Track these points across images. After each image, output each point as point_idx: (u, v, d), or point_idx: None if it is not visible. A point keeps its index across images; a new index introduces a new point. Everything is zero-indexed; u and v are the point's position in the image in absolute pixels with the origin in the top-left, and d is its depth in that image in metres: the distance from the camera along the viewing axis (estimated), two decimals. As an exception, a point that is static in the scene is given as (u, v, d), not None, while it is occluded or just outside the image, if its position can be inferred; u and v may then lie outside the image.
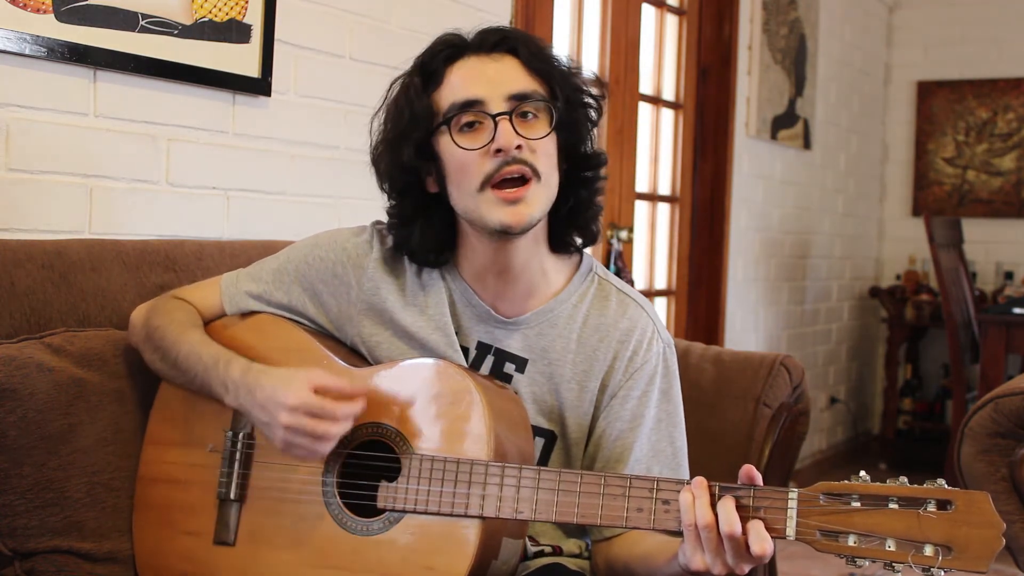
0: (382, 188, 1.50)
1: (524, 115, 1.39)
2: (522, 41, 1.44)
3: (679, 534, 1.24)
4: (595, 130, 1.49)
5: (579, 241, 1.52)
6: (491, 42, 1.43)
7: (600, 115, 1.49)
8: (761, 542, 1.16)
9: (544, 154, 1.40)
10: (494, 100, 1.38)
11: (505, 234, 1.39)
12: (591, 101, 1.48)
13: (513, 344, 1.48)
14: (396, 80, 1.48)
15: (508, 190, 1.38)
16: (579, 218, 1.49)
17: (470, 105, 1.39)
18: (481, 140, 1.38)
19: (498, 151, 1.37)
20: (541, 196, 1.40)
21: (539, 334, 1.48)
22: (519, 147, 1.37)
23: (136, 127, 1.94)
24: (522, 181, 1.38)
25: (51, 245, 1.65)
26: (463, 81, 1.41)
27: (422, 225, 1.47)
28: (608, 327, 1.49)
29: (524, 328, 1.48)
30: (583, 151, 1.47)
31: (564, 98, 1.43)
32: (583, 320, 1.49)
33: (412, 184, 1.46)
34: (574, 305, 1.50)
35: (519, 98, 1.39)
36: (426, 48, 1.46)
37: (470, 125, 1.39)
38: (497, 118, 1.37)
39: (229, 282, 1.59)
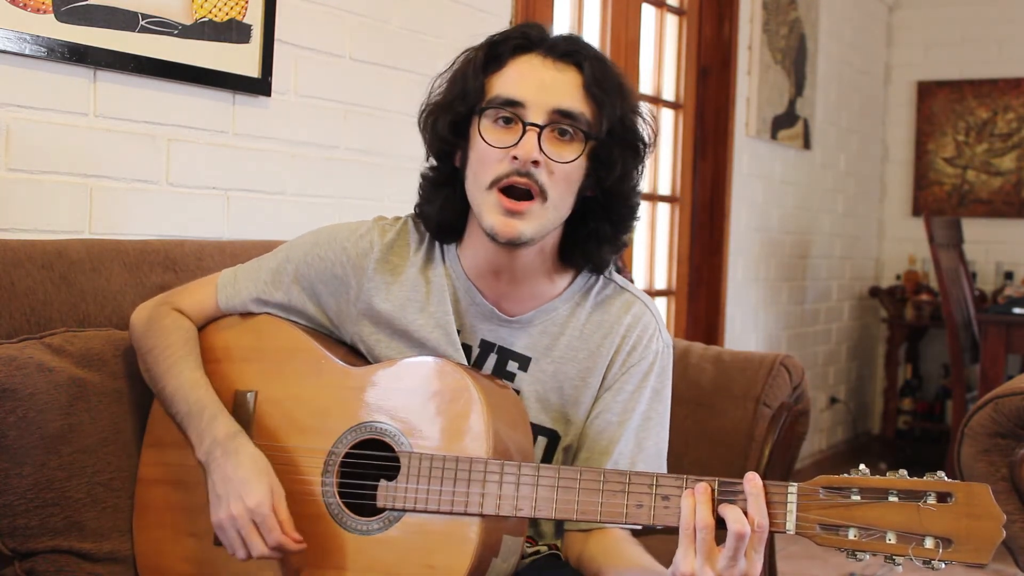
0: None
1: (562, 132, 1.39)
2: (592, 59, 1.41)
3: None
4: (637, 172, 1.47)
5: (588, 265, 1.50)
6: (562, 49, 1.41)
7: (643, 160, 1.47)
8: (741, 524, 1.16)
9: (563, 179, 1.39)
10: (536, 108, 1.38)
11: (493, 239, 1.39)
12: (638, 145, 1.45)
13: (517, 343, 1.48)
14: (468, 49, 1.47)
15: (512, 200, 1.38)
16: (595, 249, 1.47)
17: (512, 104, 1.38)
18: (507, 141, 1.38)
19: (515, 158, 1.37)
20: (541, 217, 1.39)
21: (542, 332, 1.48)
22: (536, 163, 1.36)
23: (136, 127, 1.94)
24: (527, 195, 1.38)
25: (51, 245, 1.65)
26: (517, 77, 1.40)
27: (447, 195, 1.47)
28: (611, 323, 1.49)
29: (528, 327, 1.48)
30: (618, 187, 1.45)
31: (608, 131, 1.41)
32: (586, 317, 1.49)
33: (445, 153, 1.47)
34: (577, 303, 1.50)
35: (561, 115, 1.38)
36: (506, 29, 1.48)
37: (506, 121, 1.39)
38: (527, 127, 1.37)
39: (226, 281, 1.57)
